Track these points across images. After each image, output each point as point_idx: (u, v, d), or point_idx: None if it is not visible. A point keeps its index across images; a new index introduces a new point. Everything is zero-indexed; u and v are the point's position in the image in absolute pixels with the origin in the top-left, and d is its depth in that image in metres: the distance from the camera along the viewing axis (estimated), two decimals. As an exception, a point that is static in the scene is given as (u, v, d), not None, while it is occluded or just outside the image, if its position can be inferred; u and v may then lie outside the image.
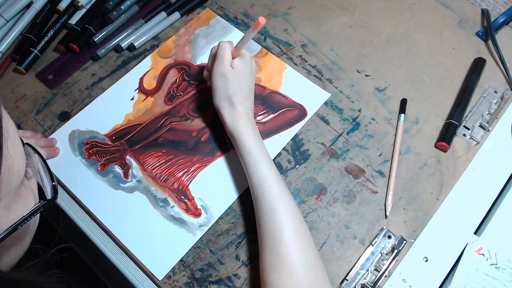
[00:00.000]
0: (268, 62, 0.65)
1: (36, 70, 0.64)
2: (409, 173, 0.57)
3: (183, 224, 0.53)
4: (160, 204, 0.54)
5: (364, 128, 0.61)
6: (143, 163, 0.57)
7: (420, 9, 0.72)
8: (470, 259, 0.51)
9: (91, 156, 0.57)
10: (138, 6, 0.68)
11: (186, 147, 0.58)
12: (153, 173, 0.56)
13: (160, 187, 0.55)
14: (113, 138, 0.59)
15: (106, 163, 0.57)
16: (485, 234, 0.53)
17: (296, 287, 0.44)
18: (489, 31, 0.67)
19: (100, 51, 0.64)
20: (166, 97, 0.62)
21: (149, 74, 0.64)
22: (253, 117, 0.55)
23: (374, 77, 0.65)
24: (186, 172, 0.56)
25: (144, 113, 0.60)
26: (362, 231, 0.54)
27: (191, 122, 0.60)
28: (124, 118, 0.60)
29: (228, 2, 0.71)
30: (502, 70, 0.65)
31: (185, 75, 0.63)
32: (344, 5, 0.72)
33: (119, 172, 0.56)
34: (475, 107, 0.62)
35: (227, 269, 0.51)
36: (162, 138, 0.58)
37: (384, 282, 0.51)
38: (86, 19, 0.66)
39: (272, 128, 0.60)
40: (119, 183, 0.55)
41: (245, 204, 0.55)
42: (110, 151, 0.57)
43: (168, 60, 0.65)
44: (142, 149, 0.58)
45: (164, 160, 0.57)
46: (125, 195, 0.55)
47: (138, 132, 0.59)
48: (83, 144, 0.58)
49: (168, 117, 0.60)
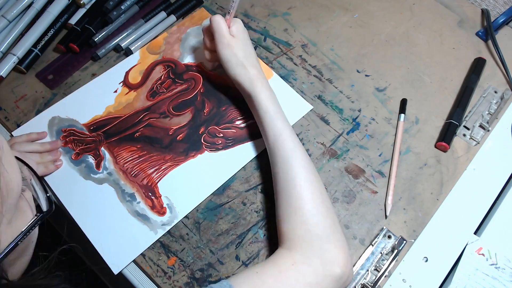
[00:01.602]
0: None
1: (36, 70, 0.64)
2: (409, 173, 0.57)
3: (146, 221, 0.53)
4: (127, 199, 0.55)
5: (364, 128, 0.61)
6: (117, 156, 0.57)
7: (420, 9, 0.72)
8: (470, 259, 0.51)
9: (67, 144, 0.58)
10: (138, 6, 0.68)
11: (161, 144, 0.58)
12: (125, 167, 0.57)
13: (130, 182, 0.56)
14: (91, 128, 0.59)
15: (81, 152, 0.57)
16: (485, 234, 0.53)
17: (307, 235, 0.46)
18: (489, 31, 0.67)
19: (100, 51, 0.64)
20: (148, 92, 0.62)
21: (135, 68, 0.64)
22: (265, 76, 0.57)
23: (374, 77, 0.65)
24: (157, 170, 0.57)
25: (125, 107, 0.61)
26: (362, 231, 0.54)
27: (170, 120, 0.60)
28: (104, 109, 0.61)
29: (228, 1, 0.71)
30: (502, 70, 0.66)
31: (171, 72, 0.64)
32: (344, 5, 0.72)
33: (91, 162, 0.57)
34: (475, 107, 0.62)
35: (227, 269, 0.51)
36: (139, 133, 0.59)
37: (384, 282, 0.51)
38: (86, 19, 0.66)
39: (249, 134, 0.59)
40: (90, 174, 0.56)
41: (245, 204, 0.55)
42: (86, 141, 0.58)
43: (156, 56, 0.65)
44: (118, 142, 0.58)
45: (137, 155, 0.57)
46: (94, 186, 0.55)
47: (117, 125, 0.60)
48: (61, 132, 0.59)
49: (148, 113, 0.61)
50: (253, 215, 0.54)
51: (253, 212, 0.54)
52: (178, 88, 0.62)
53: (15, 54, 0.62)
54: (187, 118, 0.60)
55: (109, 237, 0.52)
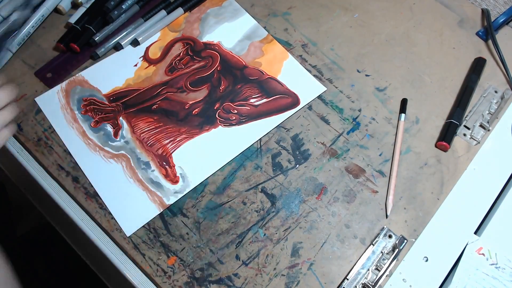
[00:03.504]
0: (271, 49, 0.67)
1: (35, 68, 0.64)
2: (409, 173, 0.57)
3: (159, 188, 0.55)
4: (142, 166, 0.57)
5: (365, 127, 0.61)
6: (134, 126, 0.59)
7: (420, 9, 0.72)
8: (471, 259, 0.51)
9: (87, 112, 0.60)
10: (138, 5, 0.68)
11: (177, 117, 0.60)
12: (141, 137, 0.59)
13: (145, 151, 0.58)
14: (111, 98, 0.61)
15: (100, 120, 0.60)
16: (485, 233, 0.53)
17: None
18: (489, 31, 0.67)
19: (99, 50, 0.64)
20: (167, 68, 0.64)
21: (155, 44, 0.66)
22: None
23: (374, 77, 0.65)
24: (172, 141, 0.59)
25: (144, 80, 0.63)
26: (363, 231, 0.54)
27: (187, 94, 0.62)
28: (124, 82, 0.63)
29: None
30: (502, 70, 0.66)
31: (190, 50, 0.66)
32: (344, 5, 0.72)
33: (110, 130, 0.59)
34: (475, 107, 0.62)
35: (227, 268, 0.51)
36: (157, 105, 0.61)
37: (385, 282, 0.51)
38: (85, 18, 0.66)
39: (263, 112, 0.61)
40: (108, 141, 0.58)
41: (245, 204, 0.55)
42: (105, 110, 0.60)
43: (176, 34, 0.67)
44: (135, 113, 0.60)
45: (154, 126, 0.59)
46: (110, 154, 0.58)
47: (135, 96, 0.62)
48: (82, 100, 0.61)
49: (166, 87, 0.63)
50: (253, 214, 0.54)
51: (253, 211, 0.54)
52: (196, 65, 0.65)
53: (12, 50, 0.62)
54: (203, 94, 0.62)
55: (122, 202, 0.54)
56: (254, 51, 0.66)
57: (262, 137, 0.59)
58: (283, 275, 0.51)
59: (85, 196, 0.55)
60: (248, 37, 0.68)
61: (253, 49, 0.67)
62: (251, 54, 0.66)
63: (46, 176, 0.57)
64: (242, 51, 0.66)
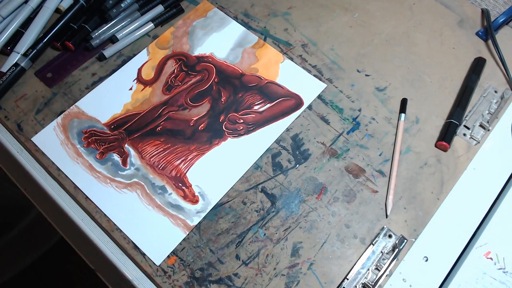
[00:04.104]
0: (265, 53, 0.66)
1: (36, 68, 0.64)
2: (409, 173, 0.57)
3: (180, 211, 0.54)
4: (158, 191, 0.55)
5: (364, 127, 0.61)
6: (142, 151, 0.58)
7: (420, 9, 0.72)
8: (478, 262, 0.51)
9: (90, 145, 0.58)
10: (138, 4, 0.68)
11: (184, 135, 0.59)
12: (151, 161, 0.57)
13: (158, 175, 0.56)
14: (112, 127, 0.60)
15: (105, 151, 0.58)
16: (485, 234, 0.53)
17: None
18: (489, 31, 0.67)
19: (94, 41, 0.64)
20: (164, 87, 0.63)
21: (147, 64, 0.65)
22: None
23: (374, 77, 0.65)
24: (184, 160, 0.57)
25: (143, 103, 0.62)
26: (363, 231, 0.54)
27: (189, 111, 0.61)
28: (122, 107, 0.61)
29: (228, 1, 0.71)
30: (502, 70, 0.66)
31: (183, 65, 0.65)
32: (344, 5, 0.72)
33: (117, 160, 0.57)
34: (475, 107, 0.62)
35: (227, 268, 0.51)
36: (161, 127, 0.60)
37: (385, 282, 0.51)
38: (83, 17, 0.66)
39: (269, 117, 0.61)
40: (118, 171, 0.56)
41: (245, 204, 0.55)
42: (108, 140, 0.58)
43: (166, 51, 0.66)
44: (141, 138, 0.59)
45: (162, 149, 0.58)
46: (123, 184, 0.56)
47: (137, 121, 0.60)
48: (82, 133, 0.59)
49: (166, 107, 0.61)
50: (253, 214, 0.54)
51: (253, 211, 0.54)
52: (192, 80, 0.63)
53: (19, 52, 0.62)
54: (205, 108, 0.61)
55: (145, 231, 0.53)
56: (248, 57, 0.65)
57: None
58: (283, 275, 0.51)
59: (85, 196, 0.55)
60: (240, 45, 0.66)
61: (247, 56, 0.66)
62: (245, 61, 0.65)
63: (46, 176, 0.57)
64: (236, 59, 0.65)
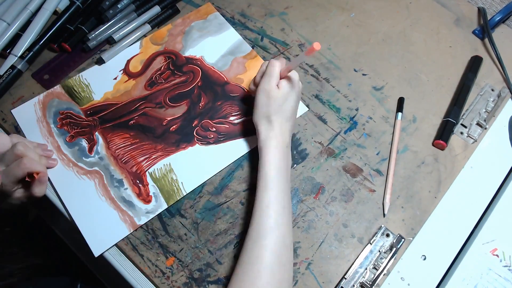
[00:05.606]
0: (254, 65, 0.65)
1: (33, 70, 0.64)
2: (407, 172, 0.57)
3: (131, 208, 0.54)
4: (115, 184, 0.55)
5: (362, 127, 0.61)
6: (109, 141, 0.58)
7: (417, 7, 0.72)
8: (484, 258, 0.51)
9: (63, 126, 0.59)
10: (134, 5, 0.68)
11: (153, 133, 0.59)
12: (116, 153, 0.58)
13: (119, 168, 0.57)
14: (88, 113, 0.60)
15: (75, 135, 0.59)
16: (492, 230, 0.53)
17: None
18: (486, 29, 0.67)
19: (91, 42, 0.64)
20: (147, 82, 0.63)
21: (137, 57, 0.65)
22: (290, 140, 0.54)
23: (371, 76, 0.65)
24: (148, 158, 0.57)
25: (123, 94, 0.62)
26: (360, 230, 0.54)
27: (165, 110, 0.61)
28: (102, 95, 0.62)
29: (225, 1, 0.71)
30: (499, 68, 0.66)
31: (171, 64, 0.65)
32: (340, 4, 0.72)
33: (85, 146, 0.58)
34: (472, 105, 0.62)
35: (226, 269, 0.51)
36: (134, 121, 0.60)
37: (383, 281, 0.51)
38: (80, 18, 0.66)
39: (241, 131, 0.59)
40: (82, 157, 0.57)
41: (243, 204, 0.55)
42: (81, 125, 0.59)
43: (158, 47, 0.66)
44: (112, 128, 0.59)
45: (130, 143, 0.58)
46: (83, 171, 0.56)
47: (113, 111, 0.61)
48: (59, 114, 0.60)
49: (144, 102, 0.61)
50: (251, 215, 0.54)
51: (251, 212, 0.54)
52: (176, 80, 0.63)
53: (16, 54, 0.62)
54: (182, 110, 0.61)
55: (93, 220, 0.53)
56: (237, 67, 0.65)
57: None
58: (282, 275, 0.51)
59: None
60: (231, 53, 0.66)
61: (236, 65, 0.65)
62: (233, 70, 0.64)
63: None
64: (225, 66, 0.65)
